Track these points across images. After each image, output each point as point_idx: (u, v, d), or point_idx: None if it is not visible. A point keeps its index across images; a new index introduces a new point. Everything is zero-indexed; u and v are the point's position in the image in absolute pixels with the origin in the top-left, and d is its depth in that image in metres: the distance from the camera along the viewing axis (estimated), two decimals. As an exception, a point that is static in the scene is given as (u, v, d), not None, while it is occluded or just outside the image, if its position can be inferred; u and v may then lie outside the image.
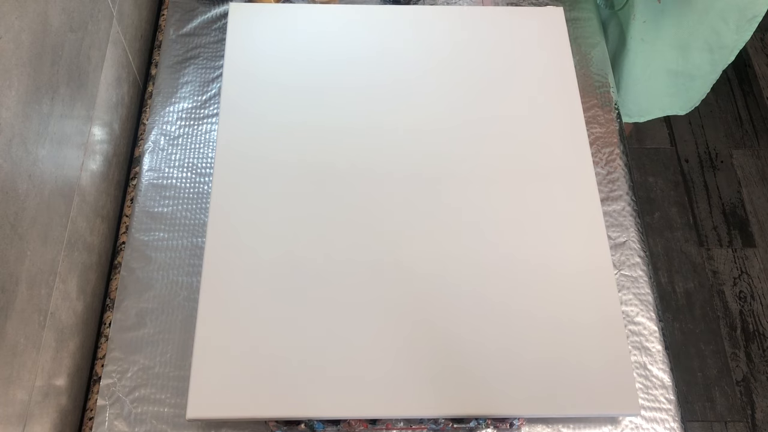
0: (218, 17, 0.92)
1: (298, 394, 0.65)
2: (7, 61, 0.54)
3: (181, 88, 0.86)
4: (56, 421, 0.66)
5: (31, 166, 0.59)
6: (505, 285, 0.71)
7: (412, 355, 0.67)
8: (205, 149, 0.82)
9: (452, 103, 0.82)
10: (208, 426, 0.67)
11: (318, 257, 0.71)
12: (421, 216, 0.74)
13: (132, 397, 0.68)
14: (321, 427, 0.67)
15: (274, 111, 0.80)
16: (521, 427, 0.68)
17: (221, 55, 0.88)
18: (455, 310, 0.69)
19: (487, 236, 0.73)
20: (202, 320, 0.68)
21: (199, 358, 0.66)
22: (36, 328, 0.60)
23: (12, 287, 0.55)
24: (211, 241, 0.72)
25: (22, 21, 0.56)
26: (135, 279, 0.74)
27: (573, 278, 0.71)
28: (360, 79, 0.83)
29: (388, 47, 0.85)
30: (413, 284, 0.71)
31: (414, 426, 0.67)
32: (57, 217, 0.65)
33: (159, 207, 0.78)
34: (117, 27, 0.81)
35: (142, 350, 0.70)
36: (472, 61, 0.85)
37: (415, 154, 0.78)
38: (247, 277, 0.70)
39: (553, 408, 0.66)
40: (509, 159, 0.78)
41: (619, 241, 0.78)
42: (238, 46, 0.84)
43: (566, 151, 0.79)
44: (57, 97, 0.64)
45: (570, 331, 0.69)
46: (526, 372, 0.67)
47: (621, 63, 1.03)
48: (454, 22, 0.88)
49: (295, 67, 0.83)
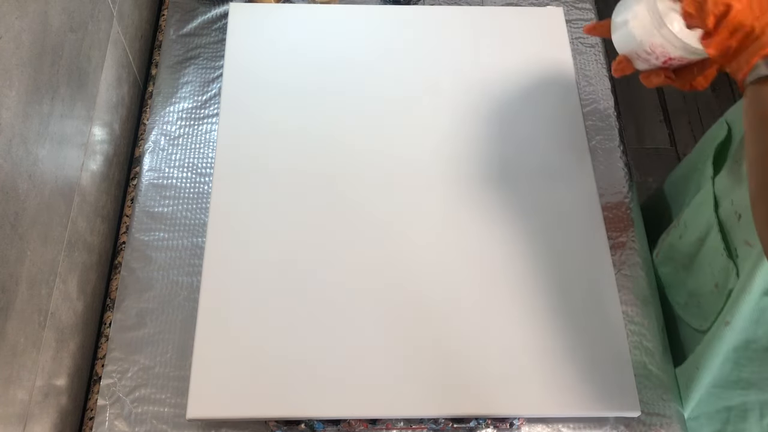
0: (218, 17, 0.92)
1: (298, 394, 0.65)
2: (7, 61, 0.54)
3: (181, 88, 0.86)
4: (56, 421, 0.66)
5: (32, 166, 0.59)
6: (505, 285, 0.71)
7: (412, 355, 0.67)
8: (205, 149, 0.82)
9: (452, 103, 0.82)
10: (208, 426, 0.67)
11: (318, 257, 0.71)
12: (421, 215, 0.74)
13: (132, 397, 0.68)
14: (321, 427, 0.67)
15: (274, 111, 0.80)
16: (521, 427, 0.68)
17: (221, 55, 0.88)
18: (455, 310, 0.69)
19: (487, 236, 0.73)
20: (202, 320, 0.68)
21: (199, 358, 0.66)
22: (36, 328, 0.60)
23: (12, 287, 0.55)
24: (211, 241, 0.72)
25: (22, 21, 0.56)
26: (135, 279, 0.74)
27: (573, 278, 0.71)
28: (360, 78, 0.83)
29: (388, 47, 0.85)
30: (413, 284, 0.71)
31: (414, 426, 0.67)
32: (57, 217, 0.65)
33: (159, 207, 0.78)
34: (117, 27, 0.81)
35: (142, 350, 0.70)
36: (472, 61, 0.85)
37: (415, 154, 0.78)
38: (247, 277, 0.70)
39: (553, 408, 0.66)
40: (509, 159, 0.78)
41: (619, 241, 0.78)
42: (238, 46, 0.84)
43: (566, 151, 0.79)
44: (57, 97, 0.64)
45: (570, 331, 0.69)
46: (526, 372, 0.67)
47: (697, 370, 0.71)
48: (454, 22, 0.88)
49: (295, 67, 0.83)
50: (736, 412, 0.67)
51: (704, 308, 0.68)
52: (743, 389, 0.65)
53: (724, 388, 0.66)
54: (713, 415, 0.68)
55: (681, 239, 0.72)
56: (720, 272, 0.64)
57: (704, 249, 0.67)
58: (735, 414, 0.67)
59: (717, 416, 0.68)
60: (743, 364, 0.63)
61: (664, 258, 0.76)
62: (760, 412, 0.65)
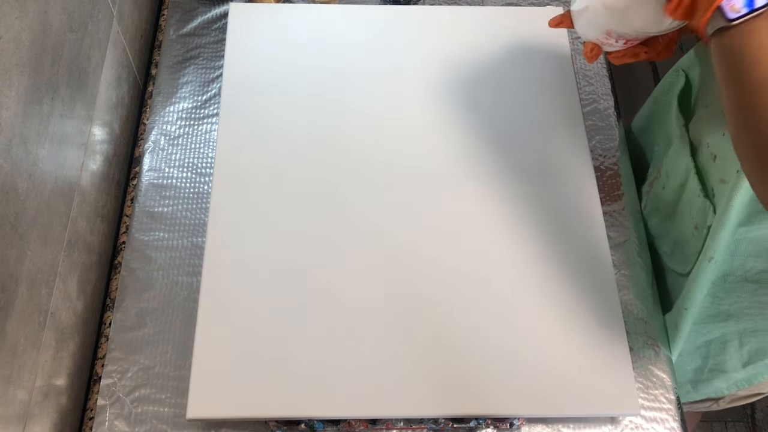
0: (218, 17, 0.92)
1: (298, 394, 0.65)
2: (7, 61, 0.54)
3: (181, 88, 0.86)
4: (56, 421, 0.66)
5: (31, 166, 0.59)
6: (505, 285, 0.71)
7: (412, 355, 0.67)
8: (205, 149, 0.82)
9: (452, 103, 0.82)
10: (208, 426, 0.67)
11: (318, 257, 0.71)
12: (421, 215, 0.74)
13: (132, 397, 0.68)
14: (321, 427, 0.67)
15: (274, 111, 0.80)
16: (521, 427, 0.68)
17: (221, 55, 0.88)
18: (455, 310, 0.69)
19: (487, 237, 0.73)
20: (202, 320, 0.68)
21: (199, 358, 0.66)
22: (36, 328, 0.60)
23: (12, 287, 0.55)
24: (211, 241, 0.72)
25: (22, 21, 0.56)
26: (135, 279, 0.74)
27: (573, 278, 0.71)
28: (360, 78, 0.83)
29: (388, 47, 0.85)
30: (413, 284, 0.71)
31: (414, 426, 0.67)
32: (57, 217, 0.65)
33: (159, 207, 0.78)
34: (117, 27, 0.81)
35: (142, 350, 0.70)
36: (472, 62, 0.85)
37: (414, 154, 0.78)
38: (247, 277, 0.70)
39: (553, 408, 0.66)
40: (509, 159, 0.78)
41: (619, 241, 0.78)
42: (238, 46, 0.84)
43: (566, 151, 0.79)
44: (57, 97, 0.64)
45: (570, 331, 0.69)
46: (526, 372, 0.67)
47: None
48: (454, 22, 0.88)
49: (295, 67, 0.83)
50: (716, 345, 0.69)
51: (686, 251, 0.70)
52: (722, 321, 0.67)
53: (704, 323, 0.68)
54: (693, 352, 0.70)
55: (664, 189, 0.75)
56: (698, 213, 0.66)
57: (684, 194, 0.70)
58: (714, 347, 0.69)
59: (697, 352, 0.70)
60: (721, 297, 0.66)
61: (651, 210, 0.79)
62: (740, 341, 0.67)
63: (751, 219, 0.59)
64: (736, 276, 0.64)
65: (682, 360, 0.71)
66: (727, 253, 0.63)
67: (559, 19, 0.70)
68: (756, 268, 0.63)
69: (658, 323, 0.74)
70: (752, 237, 0.61)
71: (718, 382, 0.69)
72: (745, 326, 0.66)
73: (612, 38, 0.64)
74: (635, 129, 0.87)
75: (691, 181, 0.68)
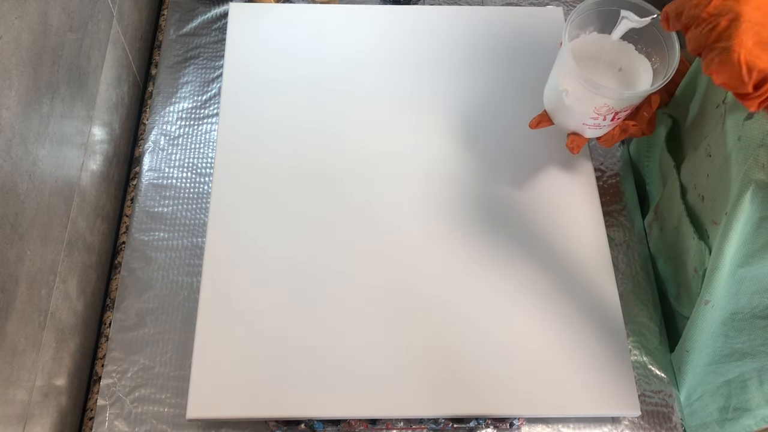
0: (218, 17, 0.92)
1: (298, 394, 0.65)
2: (7, 61, 0.54)
3: (181, 88, 0.86)
4: (56, 421, 0.66)
5: (31, 166, 0.59)
6: (506, 285, 0.71)
7: (412, 355, 0.67)
8: (205, 149, 0.82)
9: (452, 102, 0.82)
10: (208, 426, 0.67)
11: (318, 257, 0.71)
12: (421, 215, 0.74)
13: (132, 397, 0.68)
14: (321, 427, 0.67)
15: (274, 111, 0.80)
16: (521, 427, 0.68)
17: (221, 55, 0.88)
18: (455, 310, 0.69)
19: (487, 236, 0.73)
20: (202, 320, 0.68)
21: (199, 358, 0.66)
22: (36, 328, 0.60)
23: (12, 287, 0.55)
24: (211, 241, 0.72)
25: (22, 21, 0.56)
26: (135, 279, 0.74)
27: (573, 278, 0.71)
28: (360, 79, 0.83)
29: (388, 47, 0.85)
30: (413, 284, 0.71)
31: (414, 426, 0.67)
32: (57, 217, 0.65)
33: (159, 207, 0.78)
34: (117, 27, 0.81)
35: (142, 350, 0.70)
36: (472, 62, 0.85)
37: (414, 153, 0.78)
38: (247, 277, 0.70)
39: (553, 408, 0.66)
40: (509, 159, 0.78)
41: (619, 241, 0.78)
42: (238, 46, 0.84)
43: (566, 151, 0.79)
44: (57, 97, 0.64)
45: (570, 331, 0.69)
46: (526, 372, 0.67)
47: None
48: (454, 22, 0.88)
49: (295, 68, 0.83)
50: (736, 384, 0.68)
51: (690, 295, 0.70)
52: (738, 360, 0.66)
53: (720, 363, 0.68)
54: (714, 392, 0.69)
55: (662, 231, 0.75)
56: (695, 256, 0.66)
57: (680, 236, 0.70)
58: (735, 386, 0.68)
59: (718, 392, 0.69)
60: (733, 336, 0.65)
61: (655, 252, 0.78)
62: (759, 379, 0.66)
63: (749, 260, 0.58)
64: (744, 314, 0.63)
65: (704, 401, 0.70)
66: (730, 293, 0.62)
67: (538, 119, 0.72)
68: (764, 304, 0.61)
69: (668, 373, 0.73)
70: (754, 276, 0.60)
71: (745, 419, 0.68)
72: (762, 363, 0.65)
73: (600, 117, 0.64)
74: (634, 152, 0.87)
75: (684, 223, 0.68)
